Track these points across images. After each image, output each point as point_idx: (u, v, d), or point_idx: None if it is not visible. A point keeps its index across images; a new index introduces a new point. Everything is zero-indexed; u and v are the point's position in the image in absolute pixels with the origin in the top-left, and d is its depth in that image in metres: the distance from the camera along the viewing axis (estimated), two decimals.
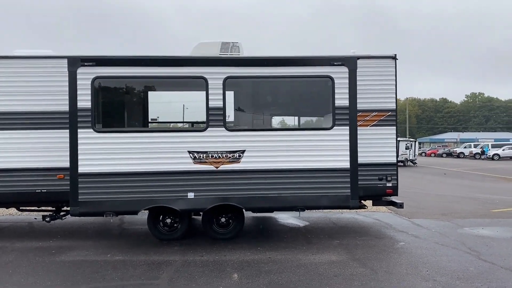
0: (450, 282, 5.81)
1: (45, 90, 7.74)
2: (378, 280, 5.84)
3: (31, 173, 7.88)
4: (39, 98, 7.77)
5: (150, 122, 9.23)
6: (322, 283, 5.76)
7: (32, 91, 7.76)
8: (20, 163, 7.86)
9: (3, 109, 7.77)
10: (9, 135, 7.81)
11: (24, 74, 7.72)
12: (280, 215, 10.72)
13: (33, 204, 8.26)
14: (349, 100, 7.28)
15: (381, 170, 7.96)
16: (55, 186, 7.90)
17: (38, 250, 7.45)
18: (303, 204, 7.32)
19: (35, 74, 7.74)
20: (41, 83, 7.72)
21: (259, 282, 5.80)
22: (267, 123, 8.76)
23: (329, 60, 7.32)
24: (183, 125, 10.03)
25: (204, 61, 7.30)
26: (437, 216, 10.82)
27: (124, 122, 8.42)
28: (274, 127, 8.81)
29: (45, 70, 7.72)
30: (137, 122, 9.15)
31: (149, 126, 9.36)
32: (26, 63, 7.69)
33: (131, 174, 7.13)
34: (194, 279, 5.93)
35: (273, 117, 8.96)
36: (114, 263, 6.64)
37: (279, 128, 8.54)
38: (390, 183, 8.04)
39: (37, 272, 6.26)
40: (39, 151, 7.86)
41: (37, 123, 7.87)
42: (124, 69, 7.15)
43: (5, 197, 7.89)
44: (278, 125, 8.97)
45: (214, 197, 7.25)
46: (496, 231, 9.06)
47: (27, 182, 7.89)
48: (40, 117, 7.83)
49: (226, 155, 7.25)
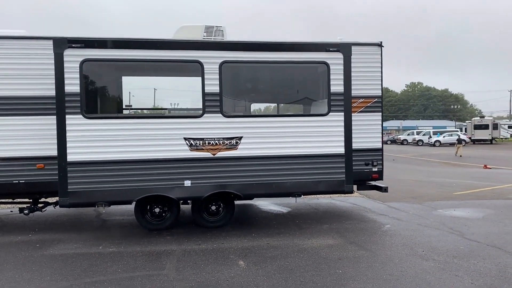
0: (448, 260, 6.07)
1: (22, 73, 7.23)
2: (381, 262, 6.00)
3: (7, 163, 7.36)
4: (15, 82, 7.24)
5: (142, 108, 8.87)
6: (330, 266, 5.84)
7: (6, 74, 7.20)
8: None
9: None
10: None
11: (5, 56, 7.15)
12: (259, 202, 10.73)
13: (9, 196, 7.73)
14: (344, 86, 7.37)
15: (368, 156, 8.15)
16: (35, 176, 7.43)
17: (20, 245, 7.01)
18: (301, 189, 7.36)
19: (11, 56, 7.19)
20: (18, 65, 7.19)
21: (268, 268, 5.79)
22: (265, 109, 8.69)
23: (325, 46, 7.35)
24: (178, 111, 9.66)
25: (200, 45, 7.09)
26: (408, 200, 11.25)
27: (116, 108, 8.03)
28: (270, 113, 8.75)
29: (22, 52, 7.19)
30: (129, 108, 8.76)
31: (141, 112, 9.01)
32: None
33: (124, 162, 6.84)
34: (201, 268, 5.82)
35: (268, 103, 8.89)
36: (110, 255, 6.38)
37: (275, 114, 8.50)
38: (376, 168, 8.25)
39: (29, 267, 5.89)
40: (16, 139, 7.35)
41: (14, 108, 7.34)
42: (116, 52, 6.80)
43: None
44: (274, 111, 8.91)
45: (212, 184, 7.12)
46: (467, 212, 9.57)
47: (2, 172, 7.36)
48: (17, 103, 7.31)
49: (223, 141, 7.13)
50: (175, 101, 9.17)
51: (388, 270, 5.67)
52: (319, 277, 5.42)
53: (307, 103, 8.57)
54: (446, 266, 5.82)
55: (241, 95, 8.62)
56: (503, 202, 10.82)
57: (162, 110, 9.49)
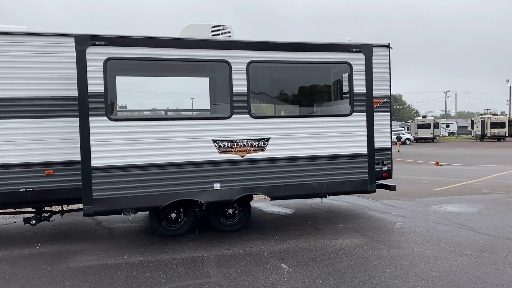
0: (480, 255, 6.31)
1: (33, 72, 6.71)
2: (420, 259, 6.13)
3: (13, 170, 6.78)
4: (25, 82, 6.70)
5: (169, 110, 8.46)
6: (375, 266, 5.88)
7: (16, 74, 6.65)
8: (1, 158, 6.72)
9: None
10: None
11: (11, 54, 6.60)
12: (258, 204, 10.63)
13: (15, 205, 7.12)
14: (366, 86, 7.45)
15: (379, 155, 8.28)
16: (43, 183, 6.92)
17: (33, 257, 6.49)
18: (326, 190, 7.36)
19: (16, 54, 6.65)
20: (31, 64, 6.68)
21: (315, 271, 5.74)
22: (290, 109, 8.58)
23: (348, 47, 7.40)
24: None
25: (228, 44, 6.90)
26: (397, 197, 11.55)
27: (141, 109, 7.61)
28: (297, 114, 8.65)
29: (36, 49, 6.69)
30: (156, 110, 8.32)
31: (168, 113, 8.59)
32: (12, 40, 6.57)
33: (152, 166, 6.50)
34: (247, 273, 5.67)
35: (293, 103, 8.79)
36: (142, 265, 6.05)
37: (302, 115, 8.42)
38: (386, 167, 8.43)
39: (60, 281, 5.49)
40: (23, 144, 6.81)
41: (21, 111, 6.79)
42: (140, 51, 6.45)
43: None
44: (297, 112, 8.81)
45: (241, 187, 6.95)
46: (461, 207, 10.00)
47: (8, 180, 6.77)
48: (25, 104, 6.78)
49: (251, 143, 6.97)
50: (200, 102, 8.83)
51: (432, 267, 5.79)
52: (373, 278, 5.45)
53: (330, 103, 8.59)
54: (483, 261, 6.04)
55: (266, 95, 8.48)
56: (484, 197, 11.40)
57: (188, 111, 9.13)
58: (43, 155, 6.87)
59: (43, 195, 6.92)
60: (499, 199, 11.05)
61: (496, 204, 10.32)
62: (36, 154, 6.86)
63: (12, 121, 6.75)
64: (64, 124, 6.90)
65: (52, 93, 6.82)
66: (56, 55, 6.82)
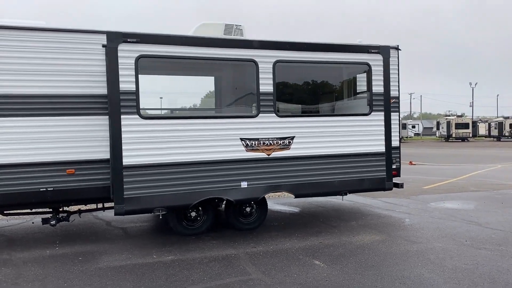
0: (498, 248, 6.63)
1: (54, 69, 6.56)
2: (445, 253, 6.38)
3: (34, 169, 6.60)
4: (47, 79, 6.54)
5: (198, 109, 8.38)
6: (405, 261, 6.09)
7: (36, 70, 6.48)
8: (20, 156, 6.55)
9: (2, 91, 6.35)
10: (7, 123, 6.42)
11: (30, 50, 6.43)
12: None
13: (35, 205, 6.93)
14: (383, 87, 7.68)
15: None
16: (64, 183, 6.77)
17: (58, 258, 6.36)
18: (347, 188, 7.54)
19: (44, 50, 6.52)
20: (51, 60, 6.53)
21: (350, 266, 5.90)
22: (312, 108, 8.68)
23: (367, 48, 7.60)
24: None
25: (255, 43, 6.95)
26: (393, 195, 11.83)
27: (171, 107, 7.54)
28: (319, 113, 8.76)
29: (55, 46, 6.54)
30: (187, 107, 8.23)
31: (197, 111, 8.51)
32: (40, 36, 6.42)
33: (183, 164, 6.49)
34: (284, 270, 5.77)
35: (314, 103, 8.90)
36: (176, 264, 6.05)
37: (324, 114, 8.55)
38: (395, 165, 8.68)
39: (100, 282, 5.43)
40: (44, 142, 6.64)
41: (42, 108, 6.63)
42: (171, 49, 6.42)
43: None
44: (320, 111, 8.93)
45: (267, 185, 7.02)
46: (458, 204, 10.42)
47: (29, 179, 6.60)
48: (45, 102, 6.61)
49: (277, 141, 7.06)
50: (227, 101, 8.79)
51: (459, 260, 6.05)
52: (408, 272, 5.65)
53: (348, 102, 8.77)
54: (503, 253, 6.35)
55: (290, 94, 8.57)
56: (474, 194, 11.91)
57: (217, 109, 9.08)
58: (64, 153, 6.72)
59: (64, 195, 6.77)
60: (489, 196, 11.56)
61: (489, 201, 10.79)
62: (57, 152, 6.70)
63: (32, 119, 6.58)
64: (85, 122, 6.78)
65: (73, 90, 6.69)
66: (76, 52, 6.68)
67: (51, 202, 6.82)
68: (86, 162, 6.83)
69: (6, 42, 6.42)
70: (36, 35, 6.48)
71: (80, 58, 6.60)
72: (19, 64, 6.39)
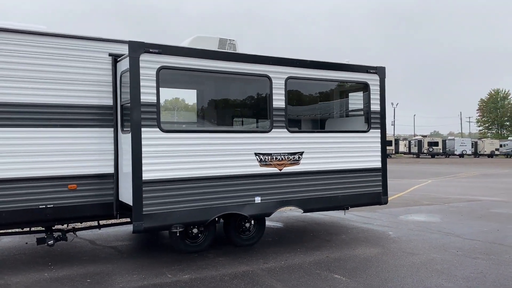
0: (489, 257, 7.15)
1: (55, 77, 6.16)
2: (447, 263, 6.78)
3: (33, 184, 6.11)
4: (52, 88, 6.13)
5: (216, 123, 8.09)
6: (417, 271, 6.40)
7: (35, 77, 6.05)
8: (19, 171, 6.03)
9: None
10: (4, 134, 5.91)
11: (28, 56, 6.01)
12: None
13: (33, 224, 6.37)
14: (380, 105, 8.06)
15: None
16: (65, 199, 6.35)
17: (65, 281, 5.92)
18: (349, 202, 7.77)
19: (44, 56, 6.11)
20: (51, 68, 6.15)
21: (370, 279, 6.08)
22: (317, 124, 8.75)
23: (366, 68, 7.96)
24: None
25: (270, 60, 7.01)
26: (358, 209, 12.21)
27: (191, 121, 7.27)
28: (325, 128, 8.87)
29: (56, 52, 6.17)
30: (206, 121, 7.92)
31: (214, 126, 8.23)
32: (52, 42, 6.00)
33: (203, 179, 6.34)
34: (310, 285, 5.85)
35: (320, 118, 9.00)
36: (195, 282, 5.88)
37: (331, 130, 8.68)
38: None
39: None
40: (44, 155, 6.19)
41: (41, 119, 6.18)
42: (192, 61, 6.29)
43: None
44: (325, 127, 9.05)
45: (278, 200, 7.05)
46: (424, 217, 11.10)
47: (26, 196, 6.08)
48: (45, 112, 6.18)
49: (287, 157, 7.13)
50: (241, 116, 8.61)
51: (465, 269, 6.46)
52: (426, 282, 5.94)
53: (350, 120, 9.03)
54: (499, 262, 6.88)
55: (298, 110, 8.63)
56: (432, 207, 12.74)
57: (235, 125, 8.87)
58: (65, 168, 6.30)
59: (65, 212, 6.33)
60: (444, 209, 12.43)
61: (448, 213, 11.60)
62: (58, 167, 6.27)
63: (30, 130, 6.11)
64: (89, 134, 6.43)
65: (77, 100, 6.33)
66: (80, 60, 6.35)
67: (50, 220, 6.33)
68: (90, 177, 6.46)
69: (4, 46, 5.95)
70: (30, 40, 6.05)
71: (84, 66, 6.29)
72: (14, 70, 5.93)
